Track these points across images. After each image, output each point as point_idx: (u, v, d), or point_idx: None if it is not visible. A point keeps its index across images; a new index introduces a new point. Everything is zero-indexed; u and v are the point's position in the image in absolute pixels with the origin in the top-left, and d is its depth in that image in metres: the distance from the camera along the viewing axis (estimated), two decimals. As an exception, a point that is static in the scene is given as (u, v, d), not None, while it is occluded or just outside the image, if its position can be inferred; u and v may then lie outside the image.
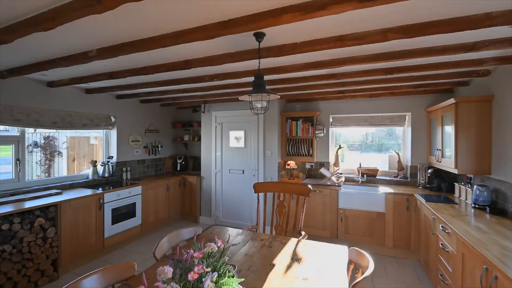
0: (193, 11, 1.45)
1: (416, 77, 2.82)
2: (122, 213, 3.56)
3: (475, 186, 2.61)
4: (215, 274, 1.01)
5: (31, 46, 2.02)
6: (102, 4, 1.25)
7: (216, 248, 1.15)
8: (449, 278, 2.14)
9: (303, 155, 4.13)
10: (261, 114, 2.17)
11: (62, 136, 5.43)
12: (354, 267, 1.67)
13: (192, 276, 0.95)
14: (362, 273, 1.46)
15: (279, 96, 1.94)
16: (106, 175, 3.95)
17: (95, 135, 5.20)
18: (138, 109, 4.53)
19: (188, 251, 1.06)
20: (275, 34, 1.78)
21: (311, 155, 4.08)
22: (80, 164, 5.34)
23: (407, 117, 3.89)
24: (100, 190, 3.35)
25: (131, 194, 3.69)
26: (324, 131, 4.17)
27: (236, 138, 4.36)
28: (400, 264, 3.14)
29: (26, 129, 3.24)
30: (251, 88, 3.16)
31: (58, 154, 5.11)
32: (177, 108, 5.44)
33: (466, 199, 2.83)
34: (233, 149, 4.39)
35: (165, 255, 1.79)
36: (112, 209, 3.40)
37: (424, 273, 2.91)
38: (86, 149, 5.26)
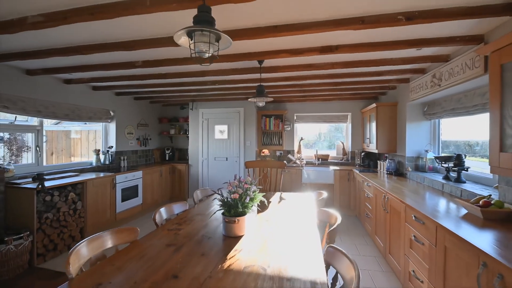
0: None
1: (353, 88, 4.17)
2: (128, 193, 4.21)
3: (387, 160, 4.06)
4: (254, 187, 2.03)
5: (94, 56, 2.69)
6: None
7: (250, 180, 2.15)
8: (370, 213, 3.48)
9: (275, 145, 5.28)
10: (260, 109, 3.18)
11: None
12: (317, 200, 2.82)
13: (245, 186, 1.95)
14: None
15: (272, 98, 3.00)
16: (107, 162, 4.50)
17: (75, 129, 5.53)
18: (132, 105, 5.12)
19: (239, 177, 2.05)
20: (268, 61, 2.83)
21: (281, 145, 5.25)
22: (58, 158, 5.60)
23: (348, 116, 5.32)
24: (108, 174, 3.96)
25: (135, 177, 4.35)
26: (291, 125, 5.38)
27: (220, 131, 5.29)
28: (345, 219, 4.48)
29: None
30: (241, 91, 4.20)
31: (27, 150, 5.24)
32: (162, 105, 6.10)
33: (383, 170, 4.29)
34: (218, 140, 5.31)
35: (198, 201, 2.70)
36: (121, 189, 4.04)
37: (358, 220, 4.31)
38: (64, 143, 5.55)
